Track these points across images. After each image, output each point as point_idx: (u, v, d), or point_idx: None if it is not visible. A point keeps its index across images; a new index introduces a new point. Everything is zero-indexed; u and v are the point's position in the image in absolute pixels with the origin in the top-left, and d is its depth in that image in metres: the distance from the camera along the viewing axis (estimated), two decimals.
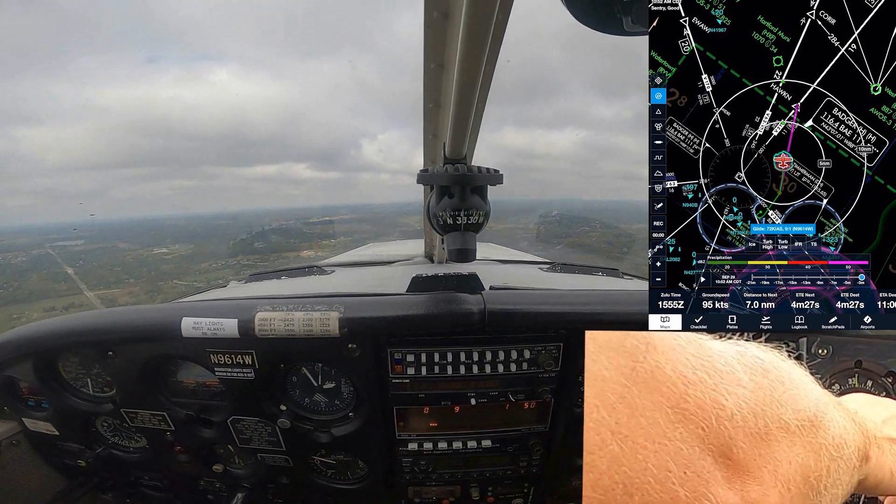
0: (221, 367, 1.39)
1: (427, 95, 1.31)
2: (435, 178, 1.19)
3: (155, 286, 20.93)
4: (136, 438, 1.67)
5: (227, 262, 22.45)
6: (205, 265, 23.07)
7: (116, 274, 21.52)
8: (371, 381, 1.42)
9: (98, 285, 19.71)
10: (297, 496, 1.76)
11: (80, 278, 19.10)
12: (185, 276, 21.86)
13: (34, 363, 1.48)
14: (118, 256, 22.75)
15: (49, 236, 22.68)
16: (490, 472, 1.60)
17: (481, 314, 1.31)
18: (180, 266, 23.38)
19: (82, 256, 20.76)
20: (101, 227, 24.20)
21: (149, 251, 24.40)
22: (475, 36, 0.81)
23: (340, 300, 1.33)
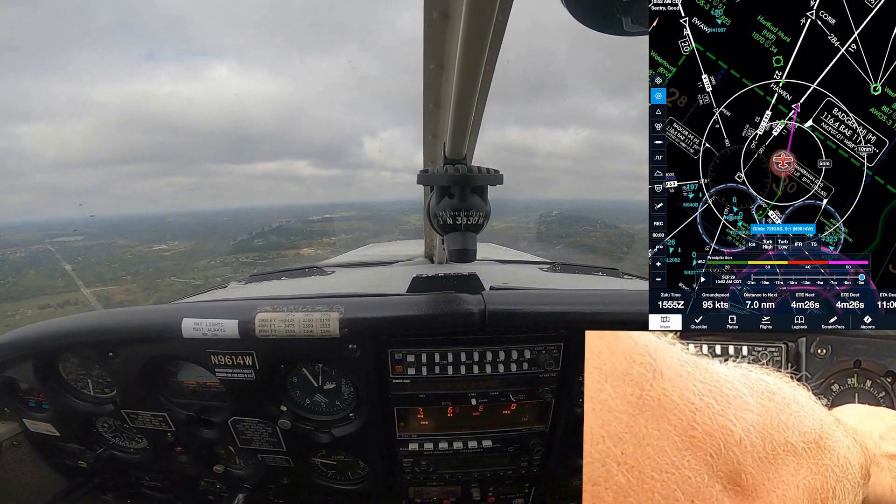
0: (222, 367, 1.39)
1: (427, 96, 1.31)
2: (435, 178, 1.19)
3: (152, 283, 20.69)
4: (136, 439, 1.67)
5: (226, 259, 22.28)
6: (203, 262, 22.89)
7: (114, 271, 21.34)
8: (371, 382, 1.42)
9: (95, 282, 19.55)
10: (298, 497, 1.76)
11: (78, 275, 18.96)
12: (182, 274, 21.68)
13: (34, 364, 1.48)
14: (117, 253, 22.57)
15: (49, 232, 22.47)
16: (491, 472, 1.60)
17: (482, 314, 1.31)
18: (179, 263, 23.21)
19: (81, 253, 20.60)
20: (101, 224, 24.05)
21: (148, 248, 24.20)
22: (475, 36, 0.81)
23: (341, 301, 1.33)
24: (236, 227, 29.01)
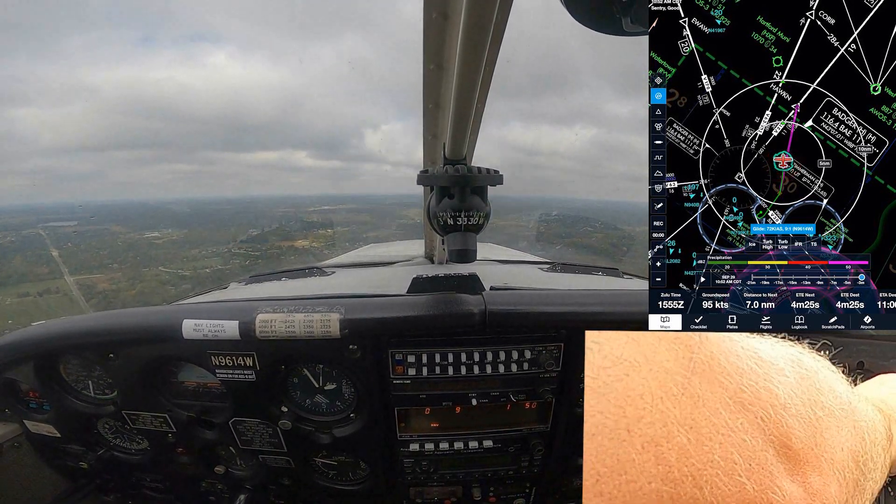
0: (222, 368, 1.39)
1: (427, 96, 1.31)
2: (435, 178, 1.19)
3: (138, 273, 19.93)
4: (137, 440, 1.67)
5: (218, 249, 21.72)
6: (194, 252, 22.29)
7: (101, 258, 20.59)
8: (372, 382, 1.42)
9: (81, 270, 18.93)
10: (299, 497, 1.76)
11: (65, 261, 18.36)
12: (171, 263, 21.08)
13: (35, 365, 1.48)
14: (108, 240, 21.93)
15: (45, 216, 21.87)
16: (491, 472, 1.60)
17: (482, 315, 1.32)
18: (169, 252, 22.59)
19: (72, 238, 20.01)
20: (99, 209, 23.50)
21: (140, 235, 23.50)
22: (475, 36, 0.81)
23: (341, 301, 1.34)
24: (233, 217, 28.36)
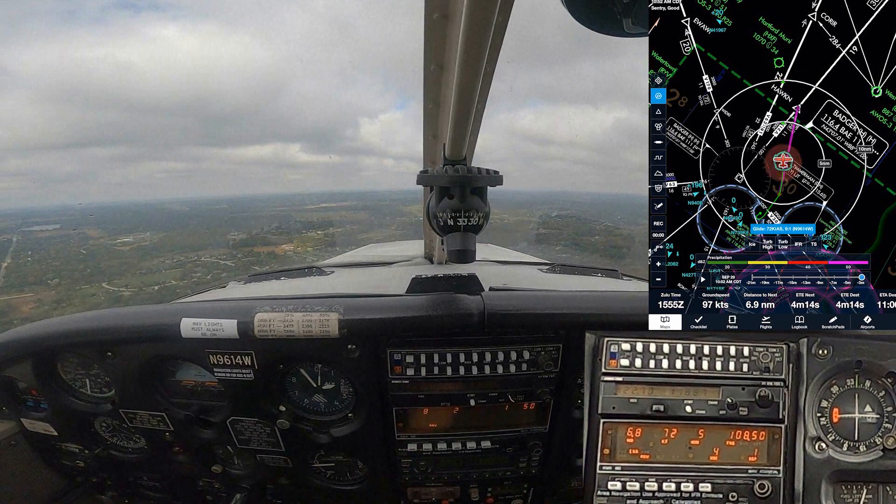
0: (221, 367, 1.39)
1: (427, 96, 1.31)
2: (435, 178, 1.19)
3: (74, 290, 17.48)
4: (134, 439, 1.66)
5: (188, 256, 19.95)
6: (157, 262, 20.35)
7: (44, 271, 18.22)
8: (370, 382, 1.42)
9: (16, 285, 17.05)
10: (296, 497, 1.75)
11: (9, 274, 16.62)
12: (120, 277, 18.04)
13: (33, 363, 1.47)
14: (73, 246, 20.07)
15: (30, 219, 20.50)
16: (489, 472, 1.60)
17: (481, 315, 1.31)
18: (128, 262, 20.61)
19: (41, 245, 18.33)
20: (95, 210, 22.11)
21: (113, 240, 21.76)
22: (475, 37, 0.81)
23: (340, 301, 1.33)
24: (227, 218, 26.82)
